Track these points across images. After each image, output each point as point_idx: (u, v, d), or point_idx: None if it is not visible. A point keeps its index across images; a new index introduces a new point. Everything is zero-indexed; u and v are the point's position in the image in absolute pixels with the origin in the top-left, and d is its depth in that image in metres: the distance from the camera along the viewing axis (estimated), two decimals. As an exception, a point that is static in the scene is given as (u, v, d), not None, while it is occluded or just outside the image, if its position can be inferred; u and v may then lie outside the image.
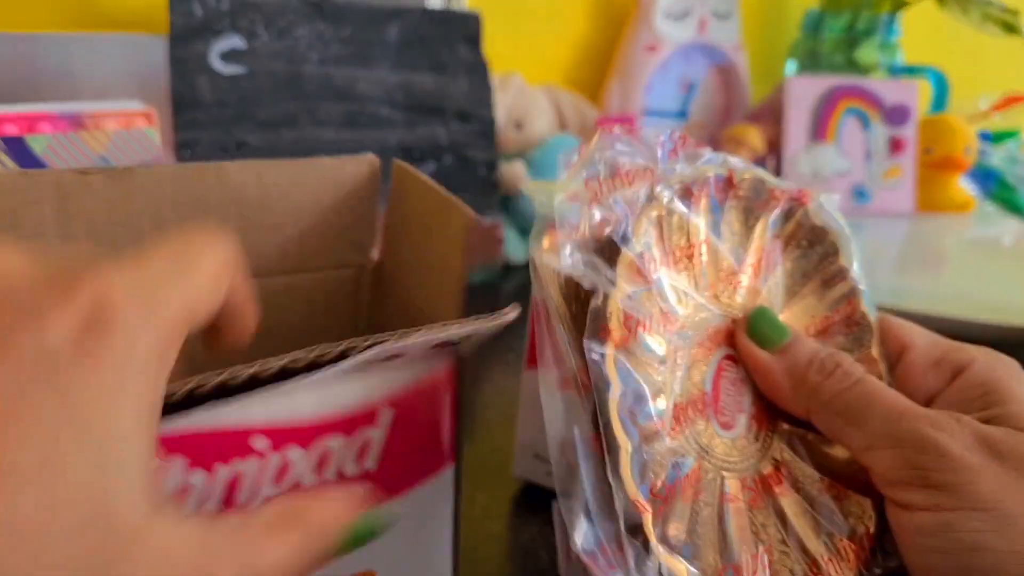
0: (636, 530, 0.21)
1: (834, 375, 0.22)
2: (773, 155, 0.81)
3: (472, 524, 0.35)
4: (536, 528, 0.35)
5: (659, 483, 0.21)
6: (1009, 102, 0.96)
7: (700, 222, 0.25)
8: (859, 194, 0.81)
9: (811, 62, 0.90)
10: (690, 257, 0.25)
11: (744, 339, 0.24)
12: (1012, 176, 0.88)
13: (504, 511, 0.36)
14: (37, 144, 0.47)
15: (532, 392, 0.35)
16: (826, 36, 0.88)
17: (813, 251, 0.27)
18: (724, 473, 0.23)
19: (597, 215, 0.23)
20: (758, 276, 0.26)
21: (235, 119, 0.59)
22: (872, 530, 0.23)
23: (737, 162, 0.26)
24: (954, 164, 0.82)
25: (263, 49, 0.60)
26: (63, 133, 0.48)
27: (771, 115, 0.83)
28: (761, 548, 0.22)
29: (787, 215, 0.27)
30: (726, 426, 0.24)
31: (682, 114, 0.88)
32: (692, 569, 0.21)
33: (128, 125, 0.51)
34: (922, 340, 0.24)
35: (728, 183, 0.26)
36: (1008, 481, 0.19)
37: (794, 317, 0.27)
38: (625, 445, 0.21)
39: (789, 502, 0.24)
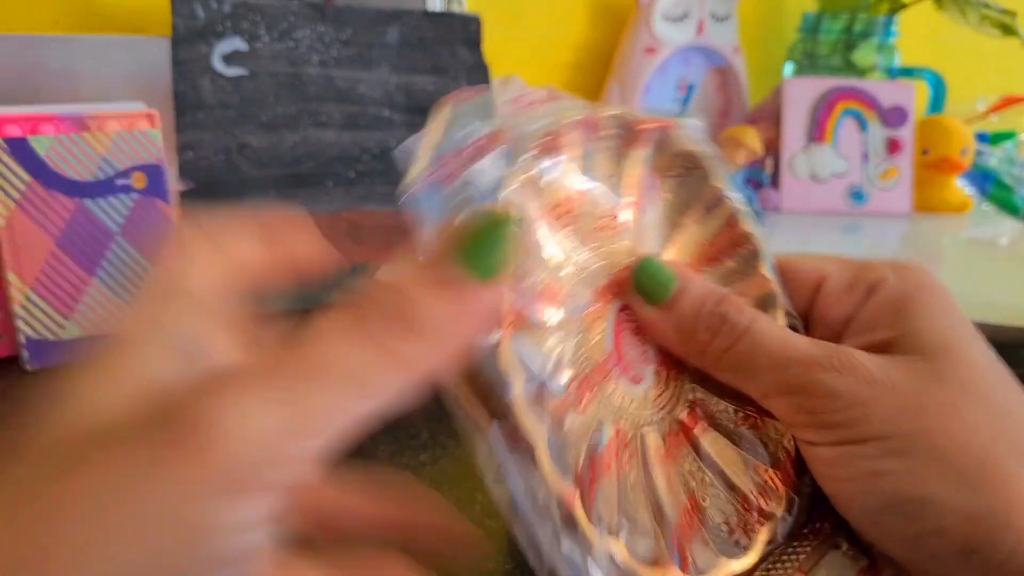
0: (572, 521, 0.19)
1: (720, 332, 0.22)
2: (771, 156, 0.81)
3: (472, 522, 0.35)
4: (536, 526, 0.35)
5: (581, 462, 0.20)
6: (1006, 103, 0.96)
7: (570, 173, 0.23)
8: (856, 195, 0.81)
9: (809, 64, 0.90)
10: (569, 211, 0.23)
11: (632, 295, 0.23)
12: (1009, 177, 0.89)
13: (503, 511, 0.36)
14: (40, 145, 0.48)
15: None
16: (823, 38, 0.89)
17: (690, 177, 0.26)
18: (643, 430, 0.22)
19: (458, 196, 0.20)
20: (638, 214, 0.25)
21: (237, 120, 0.60)
22: (793, 453, 0.23)
23: (594, 106, 0.24)
24: (951, 165, 0.82)
25: (265, 51, 0.61)
26: (66, 134, 0.49)
27: (769, 116, 0.83)
28: (691, 499, 0.22)
29: (659, 146, 0.25)
30: (636, 380, 0.23)
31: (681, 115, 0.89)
32: (632, 545, 0.20)
33: (130, 126, 0.51)
34: (835, 266, 0.24)
35: (590, 125, 0.24)
36: (897, 406, 0.19)
37: (681, 249, 0.25)
38: (540, 435, 0.19)
39: (710, 441, 0.23)
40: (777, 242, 0.72)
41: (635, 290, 0.23)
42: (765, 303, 0.24)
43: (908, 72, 0.91)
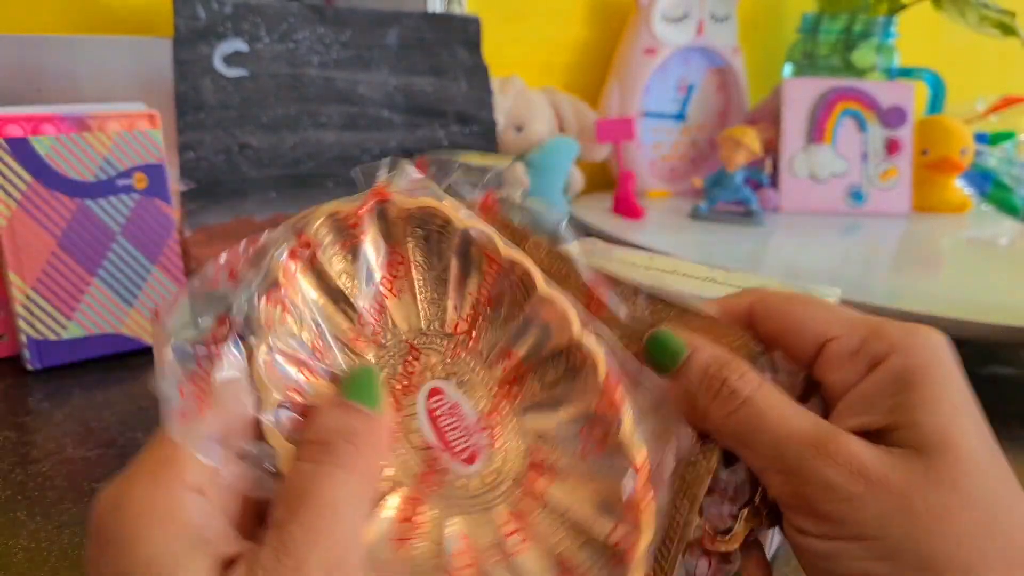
0: None
1: (719, 396, 0.21)
2: (770, 156, 0.81)
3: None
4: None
5: None
6: (1005, 104, 0.97)
7: (304, 315, 0.22)
8: (856, 195, 0.81)
9: (808, 64, 0.90)
10: (320, 349, 0.22)
11: (645, 365, 0.23)
12: (1008, 177, 0.89)
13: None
14: (41, 145, 0.48)
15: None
16: (823, 38, 0.89)
17: (431, 228, 0.23)
18: (495, 511, 0.22)
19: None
20: (396, 293, 0.23)
21: (238, 121, 0.60)
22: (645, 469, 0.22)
23: (297, 221, 0.23)
24: (950, 165, 0.82)
25: (265, 52, 0.61)
26: (67, 134, 0.49)
27: (768, 117, 0.83)
28: (562, 566, 0.21)
29: (382, 219, 0.23)
30: (470, 460, 0.22)
31: (680, 116, 0.89)
32: None
33: (131, 127, 0.52)
34: (842, 327, 0.22)
35: (302, 248, 0.22)
36: (889, 507, 0.19)
37: (457, 302, 0.24)
38: None
39: (558, 491, 0.22)
40: (777, 242, 0.72)
41: (647, 362, 0.23)
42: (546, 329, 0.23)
43: (907, 72, 0.91)
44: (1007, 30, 0.82)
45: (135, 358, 0.52)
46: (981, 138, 0.91)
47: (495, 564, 0.21)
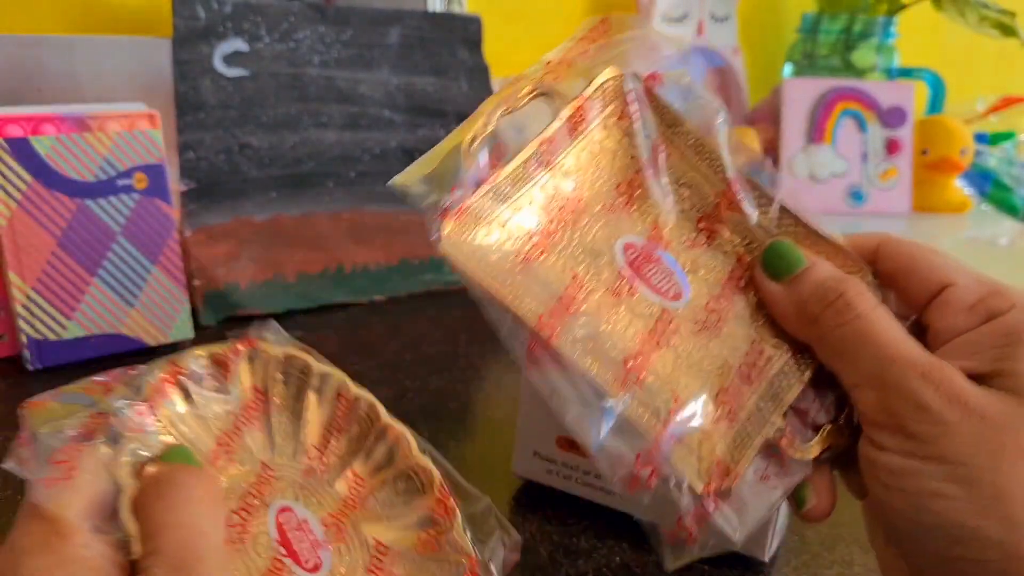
0: None
1: (834, 306, 0.22)
2: (770, 157, 0.81)
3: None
4: (535, 525, 0.35)
5: None
6: (1005, 104, 0.97)
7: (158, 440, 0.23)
8: (855, 195, 0.82)
9: (808, 64, 0.90)
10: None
11: (758, 272, 0.25)
12: (1008, 177, 0.89)
13: (504, 509, 0.36)
14: (41, 145, 0.48)
15: (532, 391, 0.36)
16: (823, 39, 0.89)
17: (292, 373, 0.26)
18: None
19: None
20: (258, 432, 0.25)
21: (238, 121, 0.60)
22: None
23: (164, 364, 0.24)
24: (950, 165, 0.82)
25: (266, 52, 0.61)
26: (67, 134, 0.49)
27: (768, 117, 0.83)
28: None
29: (252, 359, 0.26)
30: (315, 568, 0.24)
31: (680, 116, 0.89)
32: None
33: (131, 127, 0.52)
34: (965, 279, 0.23)
35: (172, 371, 0.24)
36: (979, 438, 0.20)
37: (312, 437, 0.26)
38: None
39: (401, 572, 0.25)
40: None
41: (763, 267, 0.24)
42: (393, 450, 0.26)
43: (907, 72, 0.92)
44: (1007, 30, 0.82)
45: (135, 358, 0.52)
46: (981, 138, 0.91)
47: None
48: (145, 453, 0.21)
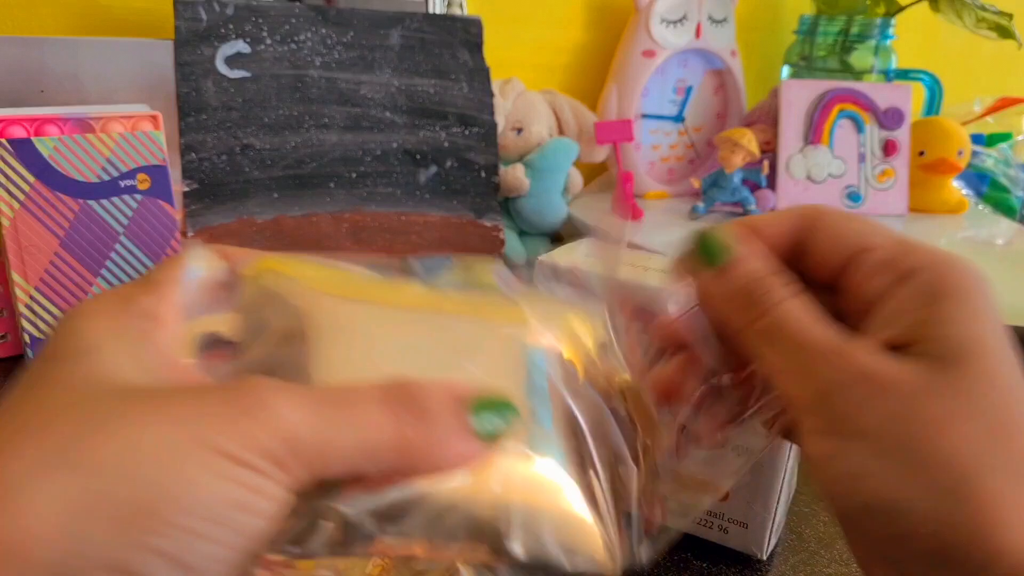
0: None
1: (756, 302, 0.23)
2: (768, 158, 0.82)
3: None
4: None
5: None
6: (1002, 105, 0.97)
7: None
8: (853, 196, 0.82)
9: (805, 66, 0.91)
10: None
11: (690, 259, 0.25)
12: (1005, 178, 0.90)
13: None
14: (44, 146, 0.48)
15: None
16: (820, 40, 0.89)
17: None
18: None
19: None
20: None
21: (240, 122, 0.60)
22: None
23: None
24: (947, 166, 0.83)
25: (267, 53, 0.61)
26: (70, 136, 0.49)
27: (766, 118, 0.84)
28: None
29: None
30: None
31: (678, 118, 0.89)
32: None
33: (134, 128, 0.52)
34: (881, 241, 0.23)
35: None
36: (893, 410, 0.20)
37: None
38: None
39: None
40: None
41: (696, 254, 0.25)
42: None
43: (904, 74, 0.92)
44: (1004, 32, 0.82)
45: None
46: (978, 139, 0.92)
47: None
48: None
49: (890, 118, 0.82)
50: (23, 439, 0.16)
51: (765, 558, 0.35)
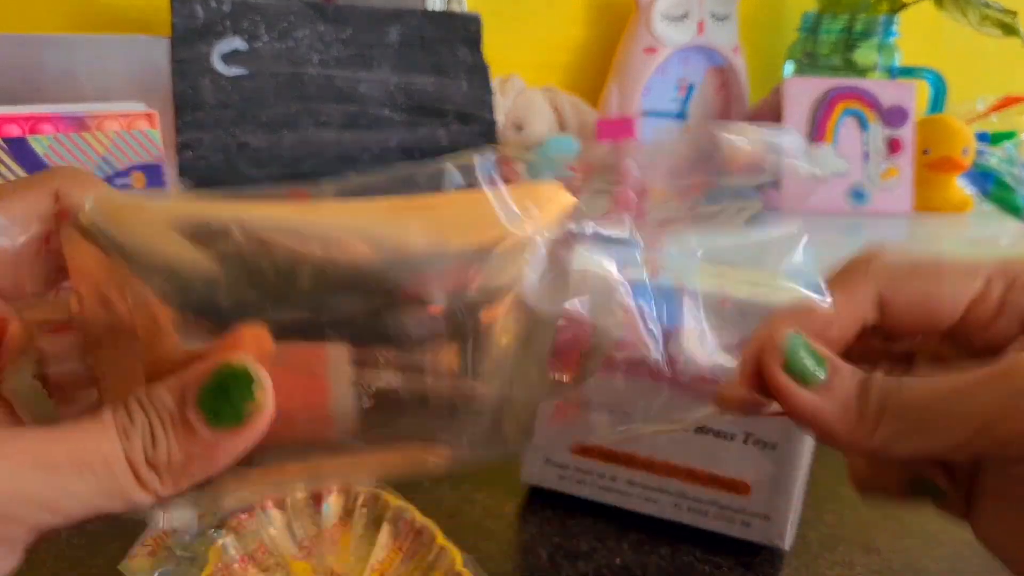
0: None
1: (885, 402, 0.20)
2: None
3: (471, 523, 0.35)
4: (535, 527, 0.35)
5: None
6: (1007, 103, 0.96)
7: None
8: (857, 195, 0.81)
9: (809, 63, 0.90)
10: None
11: (782, 379, 0.21)
12: (1010, 176, 0.89)
13: (504, 511, 0.36)
14: (39, 145, 0.48)
15: (546, 403, 0.35)
16: (824, 38, 0.89)
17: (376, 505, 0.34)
18: None
19: None
20: (333, 540, 0.33)
21: (237, 120, 0.60)
22: None
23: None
24: (952, 165, 0.82)
25: (264, 51, 0.60)
26: (65, 134, 0.49)
27: (769, 116, 0.83)
28: None
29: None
30: None
31: (680, 115, 0.89)
32: None
33: (130, 126, 0.51)
34: (979, 284, 0.22)
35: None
36: None
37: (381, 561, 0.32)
38: None
39: None
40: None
41: (787, 372, 0.21)
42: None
43: (908, 72, 0.91)
44: (1008, 29, 0.82)
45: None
46: (982, 137, 0.91)
47: None
48: None
49: (894, 116, 0.81)
50: None
51: (788, 548, 0.35)
